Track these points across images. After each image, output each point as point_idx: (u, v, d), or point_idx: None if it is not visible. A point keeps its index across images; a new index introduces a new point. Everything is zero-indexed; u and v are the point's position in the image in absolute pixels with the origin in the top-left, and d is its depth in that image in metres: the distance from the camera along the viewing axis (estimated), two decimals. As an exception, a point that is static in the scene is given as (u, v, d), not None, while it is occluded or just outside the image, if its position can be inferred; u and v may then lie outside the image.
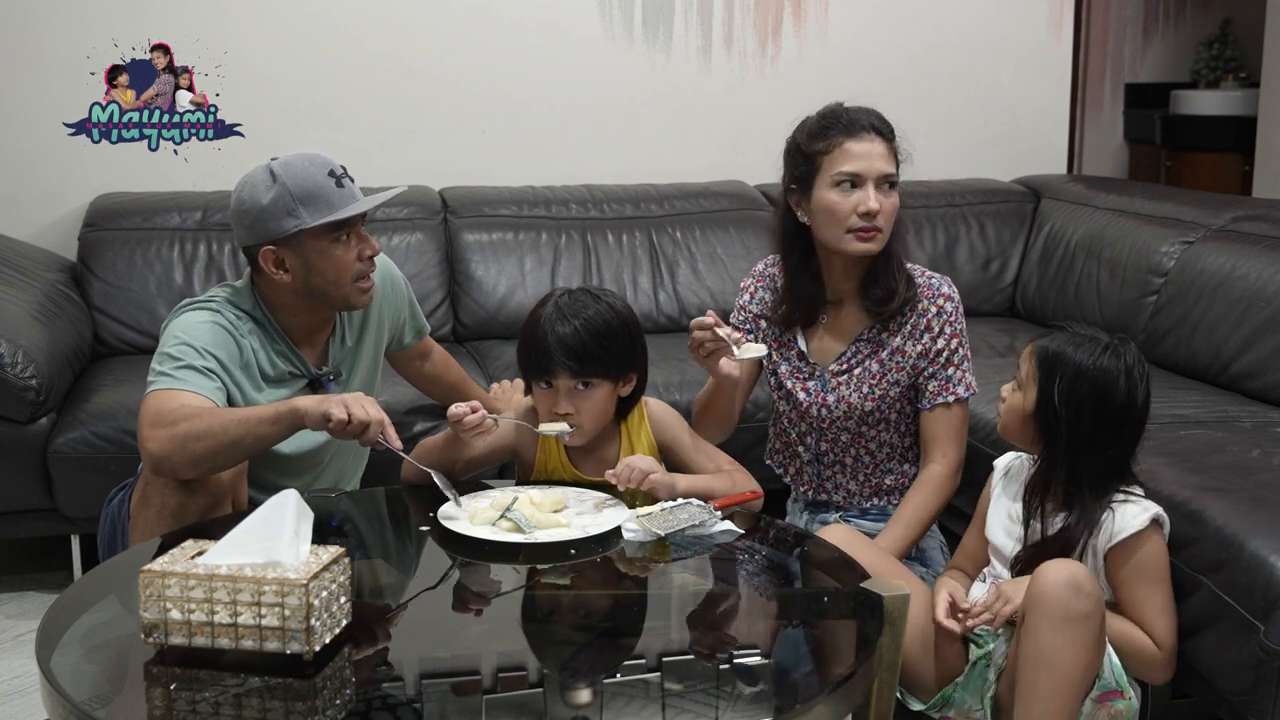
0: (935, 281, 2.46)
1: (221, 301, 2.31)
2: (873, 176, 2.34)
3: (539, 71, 4.12)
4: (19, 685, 2.67)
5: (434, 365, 2.80)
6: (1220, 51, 5.92)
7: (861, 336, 2.45)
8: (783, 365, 2.52)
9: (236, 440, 2.10)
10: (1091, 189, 4.14)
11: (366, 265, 2.32)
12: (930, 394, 2.43)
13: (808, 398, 2.48)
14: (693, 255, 3.94)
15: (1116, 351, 2.11)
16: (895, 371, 2.43)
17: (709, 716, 1.58)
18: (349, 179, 2.32)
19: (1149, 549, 2.08)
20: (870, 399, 2.44)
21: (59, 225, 3.84)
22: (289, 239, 2.26)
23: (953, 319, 2.43)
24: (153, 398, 2.16)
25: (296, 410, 2.10)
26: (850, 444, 2.50)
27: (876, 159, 2.34)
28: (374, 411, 2.08)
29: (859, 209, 2.33)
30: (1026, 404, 2.15)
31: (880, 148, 2.35)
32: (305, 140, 3.85)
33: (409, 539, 2.23)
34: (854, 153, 2.35)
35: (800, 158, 2.41)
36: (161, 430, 2.09)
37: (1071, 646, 1.91)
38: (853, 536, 2.21)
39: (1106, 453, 2.10)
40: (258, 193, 2.27)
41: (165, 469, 2.10)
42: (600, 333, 2.21)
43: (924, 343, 2.42)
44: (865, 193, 2.33)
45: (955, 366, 2.43)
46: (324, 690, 1.58)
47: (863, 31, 4.36)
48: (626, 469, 2.14)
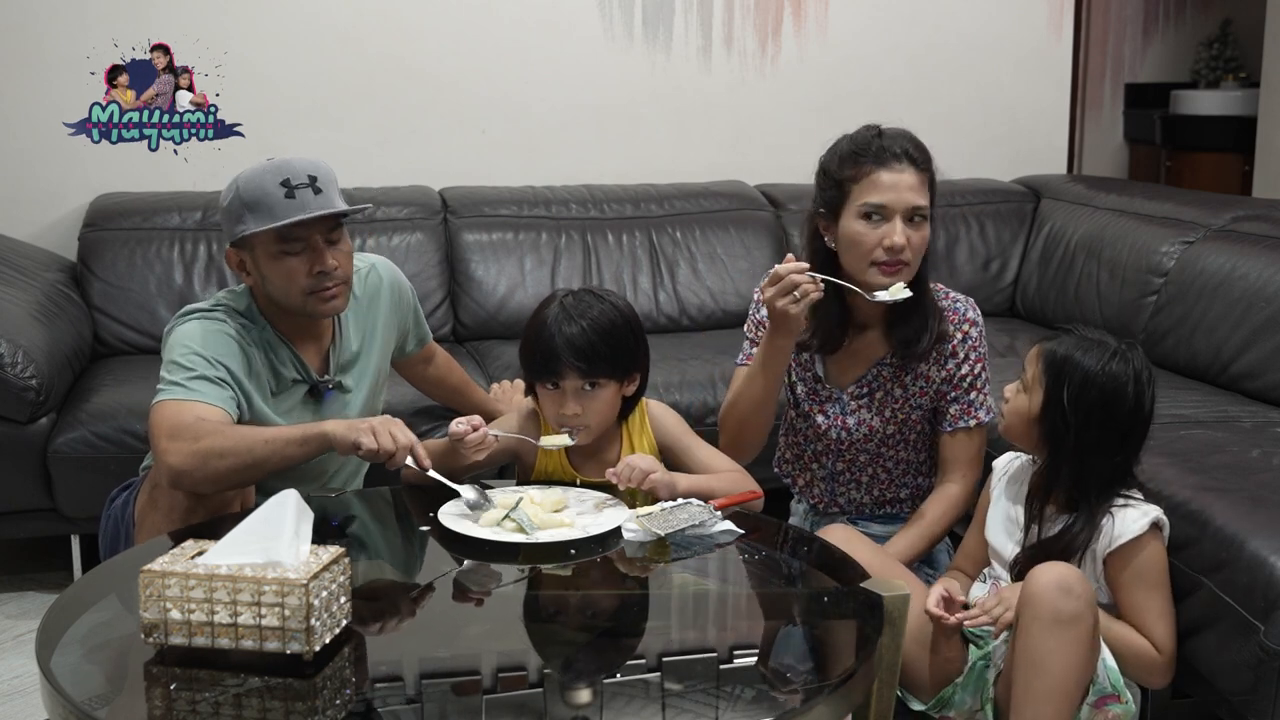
0: (960, 306, 2.41)
1: (226, 309, 2.29)
2: (901, 209, 2.26)
3: (539, 71, 4.13)
4: (19, 685, 2.67)
5: (437, 369, 2.79)
6: (1220, 51, 5.92)
7: (884, 361, 2.40)
8: (800, 386, 2.48)
9: (261, 460, 2.09)
10: (1091, 189, 4.15)
11: (317, 280, 2.25)
12: (952, 417, 2.41)
13: (826, 420, 2.44)
14: (693, 255, 3.94)
15: (1125, 357, 2.10)
16: (919, 396, 2.41)
17: (709, 716, 1.58)
18: (314, 190, 2.22)
19: (1149, 553, 2.08)
20: (892, 423, 2.42)
21: (59, 225, 3.84)
22: (244, 243, 2.25)
23: (977, 344, 2.40)
24: (166, 407, 2.14)
25: (325, 435, 2.10)
26: (868, 464, 2.48)
27: (906, 191, 2.26)
28: (403, 437, 2.08)
29: (884, 242, 2.25)
30: (1032, 407, 2.14)
31: (911, 178, 2.27)
32: (305, 140, 3.86)
33: (409, 539, 2.23)
34: (883, 183, 2.26)
35: (830, 182, 2.33)
36: (182, 444, 2.07)
37: (1063, 648, 1.91)
38: (853, 536, 2.21)
39: (1113, 459, 2.10)
40: (226, 194, 2.28)
41: (184, 484, 2.08)
42: (607, 333, 2.20)
43: (948, 368, 2.39)
44: (892, 226, 2.25)
45: (978, 391, 2.40)
46: (324, 690, 1.58)
47: (863, 31, 4.36)
48: (627, 468, 2.14)
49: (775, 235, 4.01)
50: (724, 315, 3.89)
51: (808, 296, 2.19)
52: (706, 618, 1.94)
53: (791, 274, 2.18)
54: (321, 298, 2.27)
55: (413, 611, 1.91)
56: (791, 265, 2.20)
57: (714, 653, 1.79)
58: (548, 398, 2.24)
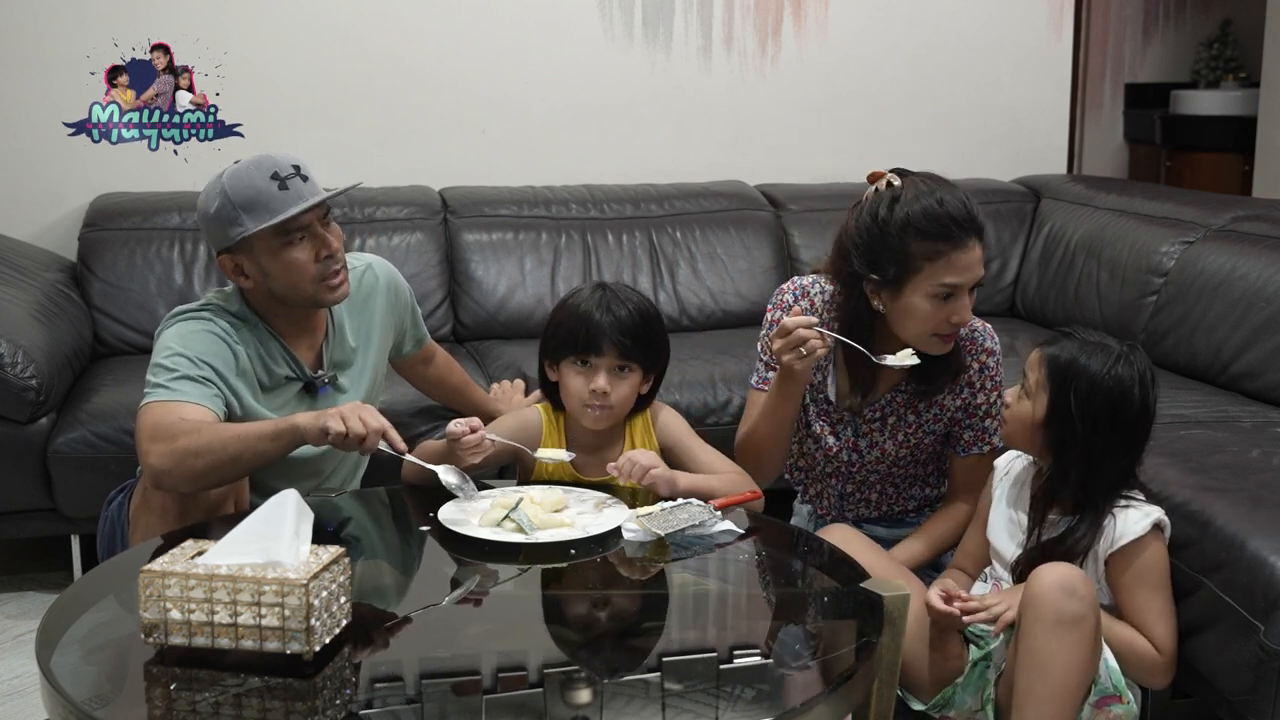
0: (979, 335, 2.39)
1: (214, 309, 2.28)
2: (971, 284, 2.24)
3: (539, 71, 4.12)
4: (19, 685, 2.67)
5: (436, 369, 2.79)
6: (1220, 51, 5.92)
7: (899, 388, 2.39)
8: (811, 408, 2.46)
9: (235, 456, 2.08)
10: (1091, 189, 4.14)
11: (325, 265, 2.25)
12: (965, 443, 2.42)
13: (837, 443, 2.44)
14: (693, 255, 3.94)
15: (1128, 360, 2.09)
16: (932, 423, 2.42)
17: (709, 716, 1.58)
18: (301, 178, 2.22)
19: (1150, 555, 2.07)
20: (905, 446, 2.43)
21: (59, 225, 3.84)
22: (241, 246, 2.23)
23: (994, 374, 2.39)
24: (150, 410, 2.14)
25: (296, 427, 2.08)
26: (877, 483, 2.49)
27: (976, 266, 2.23)
28: (373, 421, 2.05)
29: (952, 318, 2.23)
30: (1036, 414, 2.12)
31: (979, 253, 2.23)
32: (305, 140, 3.86)
33: (409, 539, 2.22)
34: (959, 265, 2.20)
35: (890, 254, 2.22)
36: (161, 444, 2.07)
37: (1066, 649, 1.91)
38: (853, 537, 2.22)
39: (1120, 461, 2.10)
40: (209, 201, 2.25)
41: (165, 484, 2.08)
42: (647, 321, 2.28)
43: (964, 397, 2.39)
44: (961, 303, 2.23)
45: (993, 418, 2.40)
46: (324, 690, 1.58)
47: (863, 31, 4.36)
48: (628, 462, 2.16)
49: (775, 235, 4.01)
50: (724, 315, 3.89)
51: (814, 354, 2.18)
52: (706, 618, 1.94)
53: (799, 329, 2.17)
54: (329, 285, 2.27)
55: (412, 611, 1.91)
56: (799, 320, 2.18)
57: (714, 653, 1.79)
58: (577, 376, 2.26)
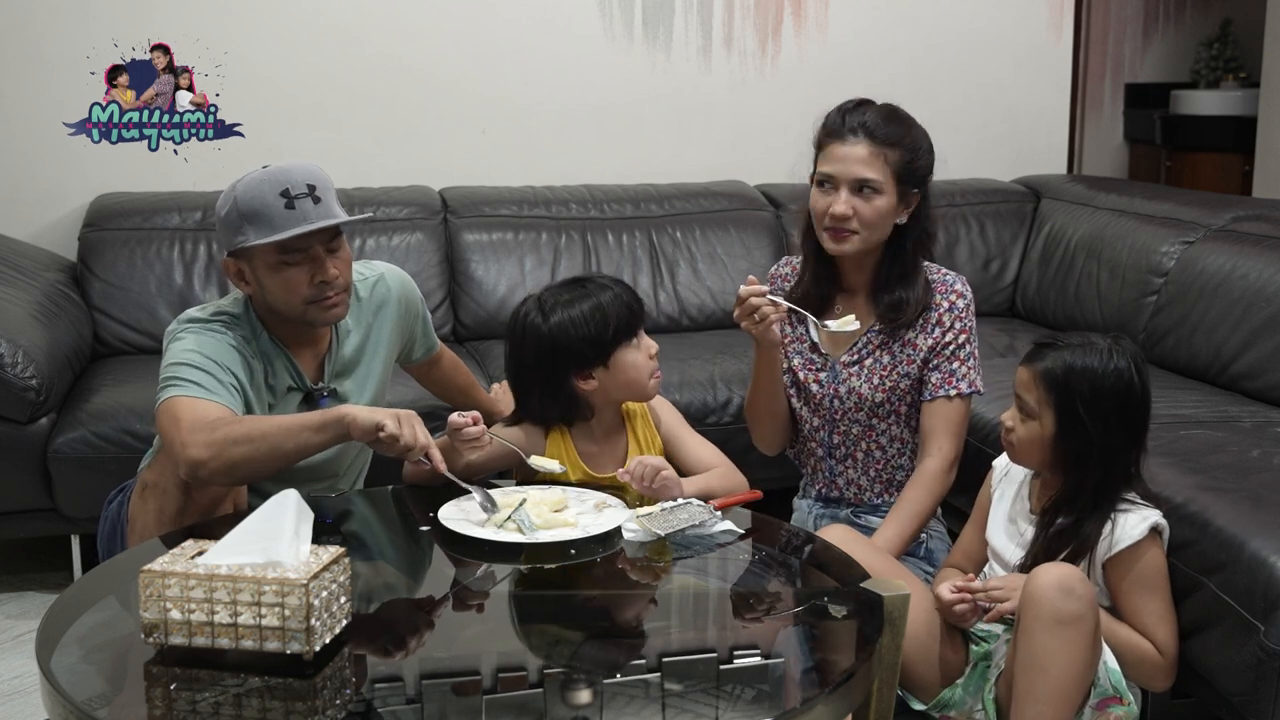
0: (949, 278, 2.49)
1: (227, 320, 2.27)
2: (845, 180, 2.37)
3: (539, 71, 4.12)
4: (19, 685, 2.67)
5: (443, 371, 2.79)
6: (1220, 51, 5.92)
7: (874, 328, 2.48)
8: (795, 358, 2.54)
9: (277, 446, 2.06)
10: (1091, 189, 4.14)
11: (319, 289, 2.23)
12: (932, 386, 2.44)
13: (820, 389, 2.50)
14: (693, 255, 3.94)
15: (1119, 350, 2.11)
16: (906, 364, 2.45)
17: (709, 716, 1.58)
18: (313, 199, 2.19)
19: (1148, 559, 2.08)
20: (880, 390, 2.46)
21: (59, 225, 3.84)
22: (243, 253, 2.23)
23: (963, 315, 2.46)
24: (178, 403, 2.10)
25: (344, 418, 2.06)
26: (861, 437, 2.51)
27: (853, 163, 2.37)
28: (423, 436, 2.06)
29: (830, 210, 2.38)
30: (1045, 431, 2.12)
31: (862, 151, 2.37)
32: (305, 140, 3.86)
33: (409, 539, 2.23)
34: (834, 155, 2.39)
35: (814, 151, 2.48)
36: (201, 434, 2.04)
37: (1065, 649, 1.91)
38: (853, 536, 2.22)
39: (1129, 453, 2.11)
40: (223, 203, 2.25)
41: (203, 474, 2.05)
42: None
43: (934, 336, 2.44)
44: (836, 195, 2.37)
45: (960, 362, 2.43)
46: (324, 690, 1.58)
47: (863, 31, 4.36)
48: (640, 466, 2.17)
49: (775, 235, 4.01)
50: (724, 315, 3.89)
51: (767, 319, 2.29)
52: (706, 618, 1.94)
53: (751, 297, 2.29)
54: (322, 306, 2.25)
55: (413, 611, 1.91)
56: (751, 289, 2.30)
57: (714, 653, 1.79)
58: (634, 354, 2.31)
